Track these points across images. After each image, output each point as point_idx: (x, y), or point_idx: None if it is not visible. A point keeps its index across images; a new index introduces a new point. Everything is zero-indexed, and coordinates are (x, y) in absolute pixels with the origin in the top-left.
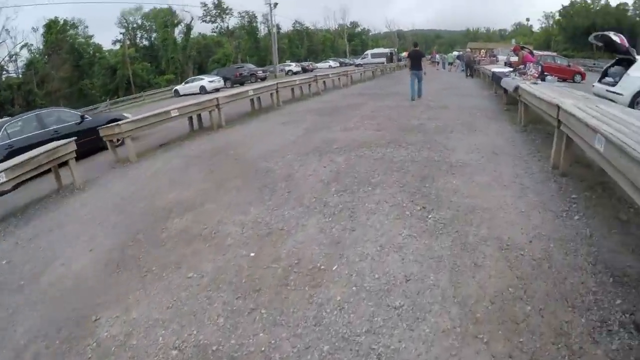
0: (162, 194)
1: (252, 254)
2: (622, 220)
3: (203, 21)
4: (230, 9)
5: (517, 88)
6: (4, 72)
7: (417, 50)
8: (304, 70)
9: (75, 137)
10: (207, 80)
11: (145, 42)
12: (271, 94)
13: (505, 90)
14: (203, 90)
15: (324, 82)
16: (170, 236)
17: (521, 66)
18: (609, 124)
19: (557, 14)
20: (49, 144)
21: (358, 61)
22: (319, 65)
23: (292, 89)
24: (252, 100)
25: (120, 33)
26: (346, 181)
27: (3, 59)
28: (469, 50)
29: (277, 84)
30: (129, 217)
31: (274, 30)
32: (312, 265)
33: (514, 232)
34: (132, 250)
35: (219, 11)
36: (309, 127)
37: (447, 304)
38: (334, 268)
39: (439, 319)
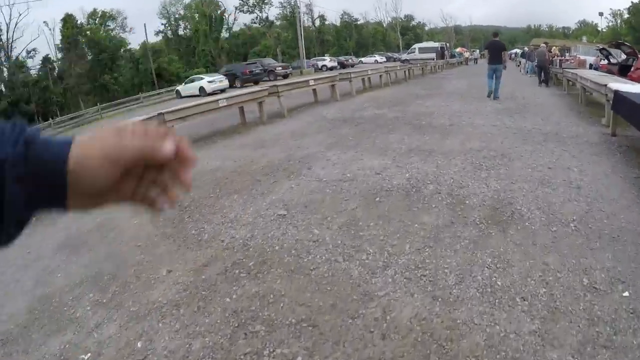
0: None
1: None
2: None
3: (240, 11)
4: None
5: None
6: (25, 69)
7: (496, 40)
8: (342, 65)
9: None
10: (207, 80)
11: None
12: None
13: None
14: (203, 92)
15: (314, 90)
16: None
17: None
18: None
19: (625, 12)
20: None
21: (404, 56)
22: (364, 60)
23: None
24: None
25: (162, 24)
26: None
27: (19, 55)
28: (544, 45)
29: (163, 114)
30: None
31: (300, 15)
32: None
33: None
34: None
35: (257, 1)
36: None
37: None
38: None
39: None
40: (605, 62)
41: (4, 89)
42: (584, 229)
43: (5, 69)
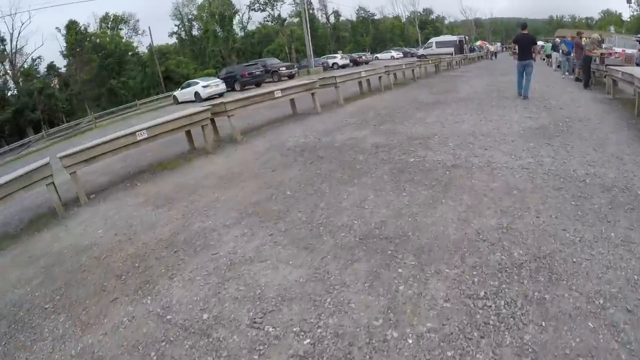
0: None
1: None
2: None
3: (252, 9)
4: None
5: None
6: (31, 77)
7: (525, 33)
8: (355, 62)
9: None
10: (201, 85)
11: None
12: None
13: None
14: (198, 97)
15: (292, 100)
16: None
17: None
18: None
19: None
20: None
21: (421, 51)
22: (380, 56)
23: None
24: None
25: (175, 25)
26: None
27: (24, 62)
28: (596, 35)
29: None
30: None
31: (306, 10)
32: None
33: None
34: None
35: None
36: None
37: None
38: None
39: None
40: None
41: (10, 98)
42: None
43: (9, 79)
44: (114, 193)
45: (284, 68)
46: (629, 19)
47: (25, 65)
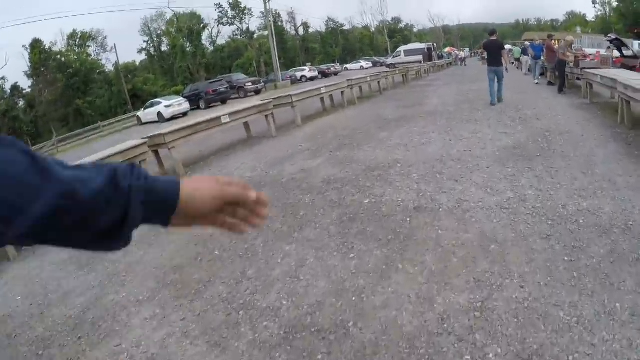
0: None
1: None
2: None
3: (220, 24)
4: (250, 9)
5: None
6: None
7: (493, 40)
8: (324, 74)
9: None
10: (164, 105)
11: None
12: None
13: None
14: (161, 117)
15: (246, 123)
16: None
17: None
18: None
19: (614, 0)
20: None
21: (389, 60)
22: (349, 66)
23: None
24: None
25: (144, 41)
26: None
27: None
28: (570, 38)
29: None
30: None
31: (271, 23)
32: None
33: None
34: None
35: (236, 12)
36: None
37: None
38: None
39: None
40: (617, 54)
41: None
42: None
43: None
44: (44, 246)
45: (249, 83)
46: (593, 19)
47: None
